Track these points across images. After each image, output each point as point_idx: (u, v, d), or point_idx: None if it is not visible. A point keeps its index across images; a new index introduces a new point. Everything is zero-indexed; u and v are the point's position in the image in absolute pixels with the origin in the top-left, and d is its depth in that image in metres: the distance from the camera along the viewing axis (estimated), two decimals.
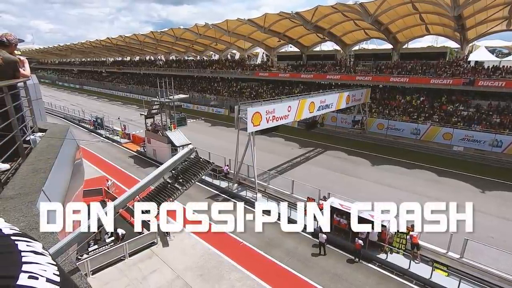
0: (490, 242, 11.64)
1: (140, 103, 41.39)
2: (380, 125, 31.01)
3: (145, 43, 59.83)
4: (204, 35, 48.05)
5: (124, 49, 71.36)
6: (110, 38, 62.61)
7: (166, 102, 22.82)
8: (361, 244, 12.19)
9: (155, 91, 35.44)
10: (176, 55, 67.79)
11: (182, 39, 52.97)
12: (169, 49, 63.76)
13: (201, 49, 59.47)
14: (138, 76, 71.40)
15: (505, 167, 22.09)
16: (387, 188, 18.56)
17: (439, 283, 10.85)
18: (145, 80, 67.45)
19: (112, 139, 31.26)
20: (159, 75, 49.18)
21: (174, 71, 59.14)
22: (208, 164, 11.22)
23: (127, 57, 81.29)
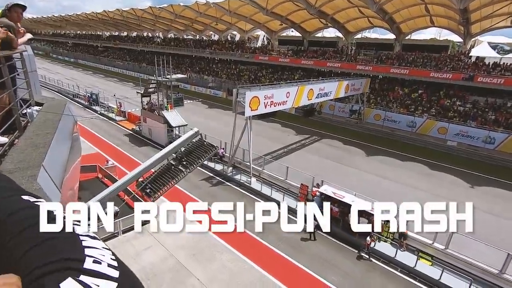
0: (476, 236, 12.02)
1: (136, 81, 40.68)
2: (377, 116, 31.08)
3: (143, 18, 58.00)
4: (205, 14, 46.69)
5: (121, 24, 69.14)
6: (107, 11, 60.52)
7: (163, 81, 22.42)
8: (368, 243, 12.11)
9: (152, 69, 34.71)
10: (175, 33, 66.02)
11: (181, 16, 51.42)
12: (167, 26, 61.98)
13: (201, 28, 57.94)
14: (134, 53, 69.63)
15: (496, 164, 22.53)
16: (380, 179, 18.85)
17: (422, 272, 11.28)
18: (142, 57, 65.86)
19: (107, 116, 30.85)
20: (156, 52, 48.13)
21: (172, 50, 57.80)
22: (212, 147, 11.22)
23: (124, 32, 78.89)
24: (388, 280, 11.16)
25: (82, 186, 15.34)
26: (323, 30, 44.58)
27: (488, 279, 10.90)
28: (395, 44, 36.52)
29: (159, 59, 22.80)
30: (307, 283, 10.79)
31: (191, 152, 11.10)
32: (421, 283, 11.04)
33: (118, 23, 68.38)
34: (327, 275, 11.13)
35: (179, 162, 10.90)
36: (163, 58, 23.07)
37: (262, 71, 45.32)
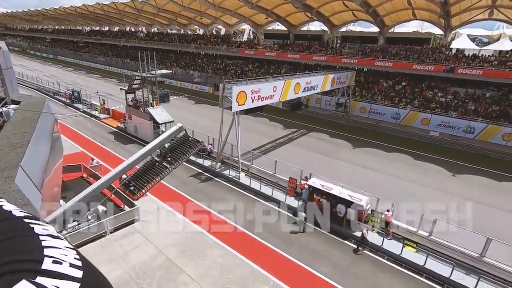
0: (458, 222, 12.50)
1: (120, 77, 39.62)
2: (363, 109, 31.58)
3: (125, 12, 56.37)
4: (189, 8, 45.81)
5: (102, 18, 66.97)
6: (87, 5, 58.43)
7: (148, 77, 21.95)
8: (365, 234, 12.28)
9: (136, 65, 33.80)
10: (159, 28, 64.59)
11: (165, 10, 50.28)
12: (151, 21, 60.54)
13: (185, 22, 56.90)
14: (117, 48, 67.71)
15: (476, 153, 23.40)
16: (367, 171, 19.24)
17: (408, 258, 11.66)
18: (125, 53, 64.16)
19: (91, 114, 30.01)
20: (140, 48, 47.01)
21: (156, 45, 56.54)
22: (197, 143, 11.08)
23: (105, 27, 76.52)
24: (376, 268, 11.48)
25: (67, 186, 14.95)
26: (309, 23, 44.64)
27: (469, 262, 11.39)
28: (379, 37, 37.02)
29: (143, 54, 22.27)
30: (298, 274, 10.96)
31: (175, 148, 10.94)
32: (407, 269, 11.41)
33: (99, 17, 66.20)
34: (317, 266, 11.34)
35: (164, 159, 10.73)
36: (147, 53, 22.55)
37: (249, 65, 45.06)
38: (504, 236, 11.72)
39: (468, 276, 10.72)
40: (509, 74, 25.66)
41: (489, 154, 23.19)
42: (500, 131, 24.39)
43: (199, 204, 15.05)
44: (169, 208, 14.47)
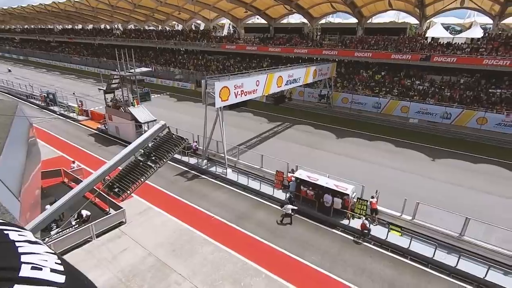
0: (438, 204, 13.05)
1: (97, 77, 38.31)
2: (345, 99, 32.10)
3: (99, 9, 54.21)
4: (166, 3, 44.64)
5: (74, 16, 64.19)
6: (57, 2, 55.72)
7: (127, 76, 21.32)
8: (366, 224, 12.39)
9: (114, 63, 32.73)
10: (135, 24, 62.71)
11: (141, 6, 48.77)
12: (127, 17, 58.62)
13: (163, 18, 55.48)
14: (92, 47, 65.30)
15: (453, 137, 24.38)
16: (351, 160, 19.65)
17: (393, 242, 12.09)
18: (101, 51, 61.97)
19: (68, 116, 28.90)
20: (117, 46, 45.51)
21: (134, 42, 54.96)
22: (182, 140, 10.88)
23: (78, 25, 73.45)
24: (363, 252, 11.83)
25: (47, 192, 14.42)
26: (288, 16, 44.62)
27: (450, 242, 11.94)
28: (358, 28, 37.53)
29: (120, 52, 21.58)
30: (288, 265, 11.13)
31: (159, 146, 10.73)
32: (393, 252, 11.83)
33: (71, 15, 63.41)
34: (307, 255, 11.56)
35: (148, 158, 10.51)
36: (125, 51, 21.86)
37: (230, 60, 44.66)
38: (482, 215, 12.35)
39: (450, 255, 11.25)
40: (480, 60, 26.73)
41: (465, 138, 24.23)
42: (474, 116, 25.50)
43: (187, 202, 14.93)
44: (157, 208, 14.27)
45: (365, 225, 12.46)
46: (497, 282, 10.12)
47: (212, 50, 45.99)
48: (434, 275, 10.77)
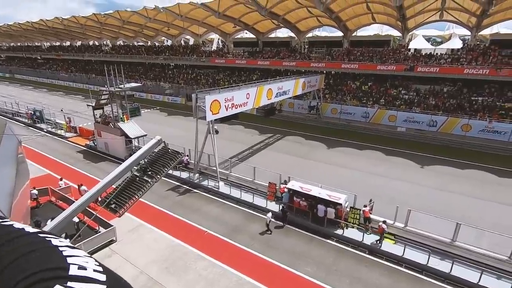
0: (429, 210, 13.22)
1: (86, 93, 37.97)
2: (334, 110, 32.66)
3: (88, 26, 54.39)
4: (155, 19, 45.20)
5: (62, 33, 64.11)
6: (44, 20, 55.69)
7: (117, 91, 21.26)
8: (384, 229, 12.21)
9: (103, 79, 32.51)
10: (124, 40, 62.96)
11: (130, 22, 49.18)
12: (115, 34, 58.88)
13: (152, 34, 55.98)
14: (81, 63, 65.04)
15: (440, 144, 24.99)
16: (343, 169, 19.83)
17: (387, 250, 12.11)
18: (90, 68, 61.79)
19: (56, 133, 28.39)
20: (106, 62, 45.47)
21: (123, 58, 55.05)
22: (177, 154, 10.86)
23: (67, 41, 73.27)
24: (357, 262, 11.78)
25: (34, 211, 13.97)
26: (276, 30, 45.69)
27: (443, 248, 12.04)
28: (344, 41, 38.71)
29: (109, 68, 21.58)
30: (283, 278, 10.98)
31: (155, 161, 10.66)
32: (387, 261, 11.83)
33: (59, 32, 63.34)
34: (301, 267, 11.43)
35: (144, 173, 10.41)
36: (114, 67, 21.88)
37: (220, 74, 45.13)
38: (472, 220, 12.56)
39: (443, 261, 11.32)
40: (461, 70, 27.83)
41: (451, 144, 24.87)
42: (459, 123, 26.27)
43: (179, 217, 14.68)
44: (148, 224, 13.98)
45: (383, 229, 12.30)
46: (491, 287, 10.19)
47: (201, 64, 46.45)
48: (429, 282, 10.79)
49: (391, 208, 13.42)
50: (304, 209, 14.17)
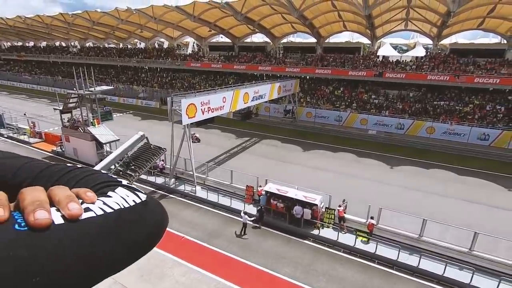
0: (398, 208, 13.95)
1: (52, 96, 36.03)
2: (308, 114, 33.51)
3: (54, 26, 51.71)
4: (127, 21, 43.95)
5: (25, 33, 60.38)
6: (5, 18, 52.16)
7: (86, 94, 20.37)
8: (373, 224, 13.04)
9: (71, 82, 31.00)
10: (94, 42, 60.52)
11: (100, 23, 47.42)
12: (84, 35, 56.45)
13: (124, 36, 54.33)
14: (46, 65, 61.52)
15: (407, 146, 26.46)
16: (318, 171, 20.37)
17: (361, 248, 12.60)
18: (56, 70, 58.62)
19: (18, 139, 26.58)
20: (74, 63, 43.50)
21: (93, 60, 52.88)
22: (160, 150, 10.70)
23: (30, 42, 69.07)
24: (333, 260, 12.14)
25: None
26: (252, 35, 46.18)
27: (411, 243, 12.74)
28: (317, 47, 39.98)
29: (78, 70, 20.66)
30: (262, 280, 11.04)
31: (138, 156, 10.43)
32: (361, 258, 12.30)
33: (21, 32, 59.60)
34: (280, 268, 11.57)
35: (127, 167, 10.14)
36: (83, 69, 20.97)
37: (195, 78, 44.71)
38: (436, 216, 13.42)
39: (412, 255, 11.97)
40: (425, 76, 29.79)
41: (417, 146, 26.42)
42: (424, 126, 28.01)
43: None
44: None
45: (372, 225, 13.01)
46: (454, 277, 10.94)
47: (176, 68, 45.78)
48: (399, 276, 11.36)
49: (363, 207, 13.99)
50: (281, 210, 14.38)
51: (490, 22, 30.83)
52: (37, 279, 0.45)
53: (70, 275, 0.50)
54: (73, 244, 0.52)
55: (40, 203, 0.53)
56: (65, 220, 0.54)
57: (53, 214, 0.53)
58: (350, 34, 45.81)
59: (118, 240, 0.60)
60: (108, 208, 0.60)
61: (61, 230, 0.52)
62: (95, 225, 0.56)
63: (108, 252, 0.58)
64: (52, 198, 0.57)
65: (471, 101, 29.29)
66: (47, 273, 0.47)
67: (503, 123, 26.18)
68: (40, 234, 0.49)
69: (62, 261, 0.49)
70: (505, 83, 27.18)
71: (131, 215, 0.64)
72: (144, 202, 0.69)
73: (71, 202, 0.56)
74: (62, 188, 0.61)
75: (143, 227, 0.66)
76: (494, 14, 28.51)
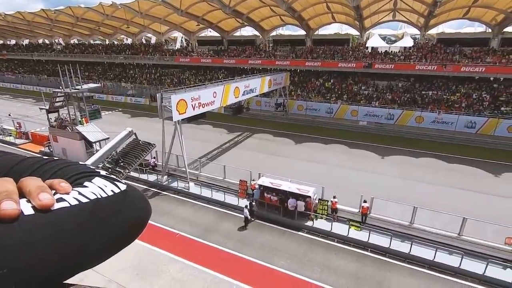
0: (389, 197, 14.21)
1: (37, 96, 35.12)
2: (299, 107, 33.58)
3: (36, 23, 50.06)
4: (112, 16, 42.87)
5: (6, 31, 58.31)
6: None
7: (73, 93, 19.90)
8: (367, 207, 13.55)
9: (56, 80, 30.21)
10: (79, 38, 58.92)
11: (84, 19, 46.14)
12: (68, 31, 54.86)
13: (110, 31, 53.03)
14: (30, 63, 59.75)
15: (397, 136, 26.86)
16: (310, 163, 20.53)
17: (354, 237, 12.83)
18: (41, 68, 57.03)
19: (3, 140, 25.89)
20: (59, 61, 42.38)
21: (79, 57, 51.58)
22: (149, 146, 10.55)
23: (11, 39, 66.84)
24: (328, 251, 12.34)
25: None
26: (241, 29, 45.69)
27: (403, 231, 13.04)
28: (306, 39, 39.87)
29: (64, 68, 20.13)
30: (259, 273, 11.15)
31: (127, 152, 10.27)
32: (354, 247, 12.54)
33: (2, 29, 57.53)
34: (276, 261, 11.70)
35: (116, 164, 9.99)
36: (69, 67, 20.44)
37: (185, 73, 44.17)
38: (426, 204, 13.73)
39: (404, 243, 12.26)
40: (413, 66, 30.12)
41: (407, 135, 26.85)
42: (413, 115, 28.43)
43: (149, 222, 14.18)
44: None
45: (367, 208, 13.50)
46: (444, 262, 11.27)
47: (165, 63, 45.08)
48: (392, 263, 11.63)
49: (356, 197, 14.20)
50: (275, 204, 14.47)
51: (475, 11, 31.23)
52: (3, 271, 0.45)
53: (42, 266, 0.50)
54: (44, 235, 0.50)
55: (8, 193, 0.52)
56: (36, 211, 0.52)
57: (23, 205, 0.52)
58: (339, 26, 45.77)
59: (95, 230, 0.58)
60: (84, 198, 0.59)
61: (31, 221, 0.51)
62: (69, 215, 0.55)
63: (84, 243, 0.56)
64: (23, 189, 0.56)
65: (458, 90, 29.81)
66: (15, 264, 0.46)
67: (488, 111, 26.79)
68: (7, 225, 0.48)
69: (32, 252, 0.48)
70: (490, 71, 27.75)
71: (109, 205, 0.63)
72: (123, 191, 0.67)
73: (42, 192, 0.55)
74: (34, 179, 0.59)
75: (123, 217, 0.65)
76: (479, 3, 28.87)
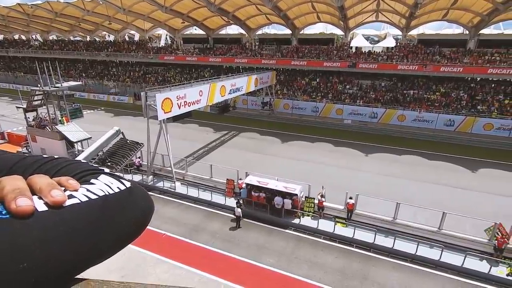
0: (373, 193, 14.56)
1: (14, 94, 33.61)
2: (286, 105, 33.80)
3: (11, 18, 47.91)
4: (94, 12, 41.59)
5: None
6: None
7: (53, 91, 19.18)
8: (353, 204, 13.72)
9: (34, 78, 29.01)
10: (58, 35, 56.82)
11: (64, 15, 44.54)
12: (47, 27, 52.83)
13: (91, 28, 51.44)
14: (4, 60, 57.12)
15: (381, 134, 27.53)
16: (296, 162, 20.71)
17: (340, 234, 13.08)
18: (17, 65, 54.63)
19: None
20: (37, 58, 40.75)
21: (58, 54, 49.73)
22: (137, 145, 10.29)
23: None
24: (314, 247, 12.52)
25: None
26: (227, 27, 45.43)
27: (386, 226, 13.40)
28: (292, 38, 40.12)
29: (42, 65, 19.36)
30: (247, 272, 11.18)
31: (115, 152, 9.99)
32: (340, 243, 12.78)
33: None
34: (263, 259, 11.76)
35: (103, 164, 9.69)
36: (48, 64, 19.68)
37: (170, 71, 43.49)
38: (409, 199, 14.16)
39: (387, 238, 12.61)
40: (395, 66, 30.92)
41: (390, 133, 27.58)
42: (395, 114, 29.21)
43: None
44: None
45: (352, 204, 13.64)
46: (425, 255, 11.68)
47: (149, 61, 44.21)
48: (377, 258, 11.94)
49: (341, 194, 14.46)
50: (262, 202, 14.53)
51: (453, 14, 32.41)
52: (24, 265, 0.46)
53: (57, 261, 0.51)
54: (58, 231, 0.52)
55: (21, 190, 0.52)
56: (49, 207, 0.53)
57: (36, 202, 0.53)
58: (324, 26, 46.35)
59: (105, 226, 0.60)
60: (93, 195, 0.60)
61: (45, 217, 0.52)
62: (80, 212, 0.56)
63: (95, 239, 0.57)
64: (33, 187, 0.56)
65: (437, 89, 30.87)
66: (34, 259, 0.47)
67: (466, 110, 27.90)
68: (23, 221, 0.48)
69: (49, 247, 0.49)
70: (467, 72, 28.90)
71: (116, 201, 0.64)
72: (129, 188, 0.69)
73: (53, 189, 0.55)
74: (43, 177, 0.59)
75: (130, 214, 0.67)
76: (457, 6, 29.98)
